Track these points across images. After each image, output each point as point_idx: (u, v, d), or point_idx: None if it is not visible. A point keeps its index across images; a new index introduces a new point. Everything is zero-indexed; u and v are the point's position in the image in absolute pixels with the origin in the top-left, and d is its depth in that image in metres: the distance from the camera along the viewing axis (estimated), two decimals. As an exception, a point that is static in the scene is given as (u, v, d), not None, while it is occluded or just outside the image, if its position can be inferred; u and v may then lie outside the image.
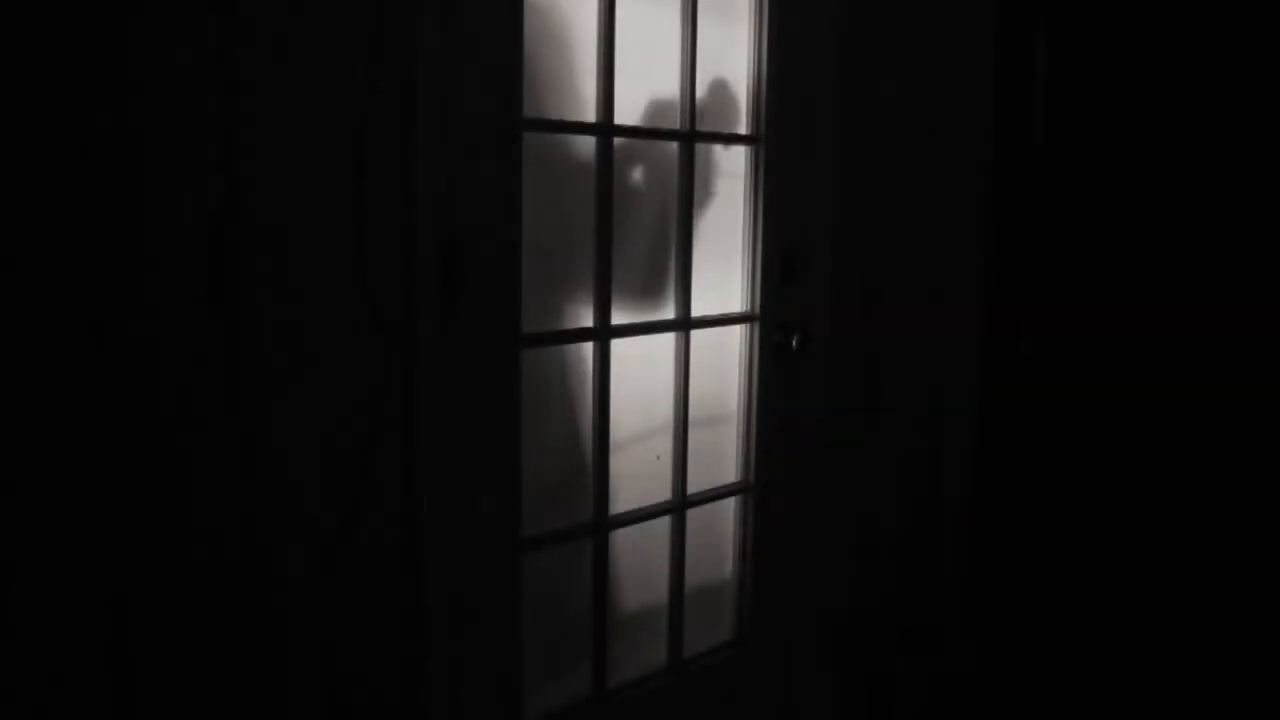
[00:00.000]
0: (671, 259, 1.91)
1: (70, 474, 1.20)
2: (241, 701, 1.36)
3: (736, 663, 2.13)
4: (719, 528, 2.11)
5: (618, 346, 1.82)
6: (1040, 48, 2.38)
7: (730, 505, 2.11)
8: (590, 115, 1.73)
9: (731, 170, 2.02)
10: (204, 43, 1.25)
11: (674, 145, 1.89)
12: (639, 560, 1.95)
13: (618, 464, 1.86)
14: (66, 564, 1.21)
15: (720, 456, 2.09)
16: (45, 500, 1.18)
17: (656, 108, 1.86)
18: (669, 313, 1.93)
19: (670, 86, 1.87)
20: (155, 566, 1.27)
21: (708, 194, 1.97)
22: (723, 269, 2.03)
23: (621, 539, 1.90)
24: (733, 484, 2.10)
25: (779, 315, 2.09)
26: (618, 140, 1.76)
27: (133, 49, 1.20)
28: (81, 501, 1.21)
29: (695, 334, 1.95)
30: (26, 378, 1.16)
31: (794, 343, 2.09)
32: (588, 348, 1.79)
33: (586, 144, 1.74)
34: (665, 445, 1.96)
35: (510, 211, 1.61)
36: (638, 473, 1.93)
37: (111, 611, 1.24)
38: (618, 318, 1.80)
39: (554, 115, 1.71)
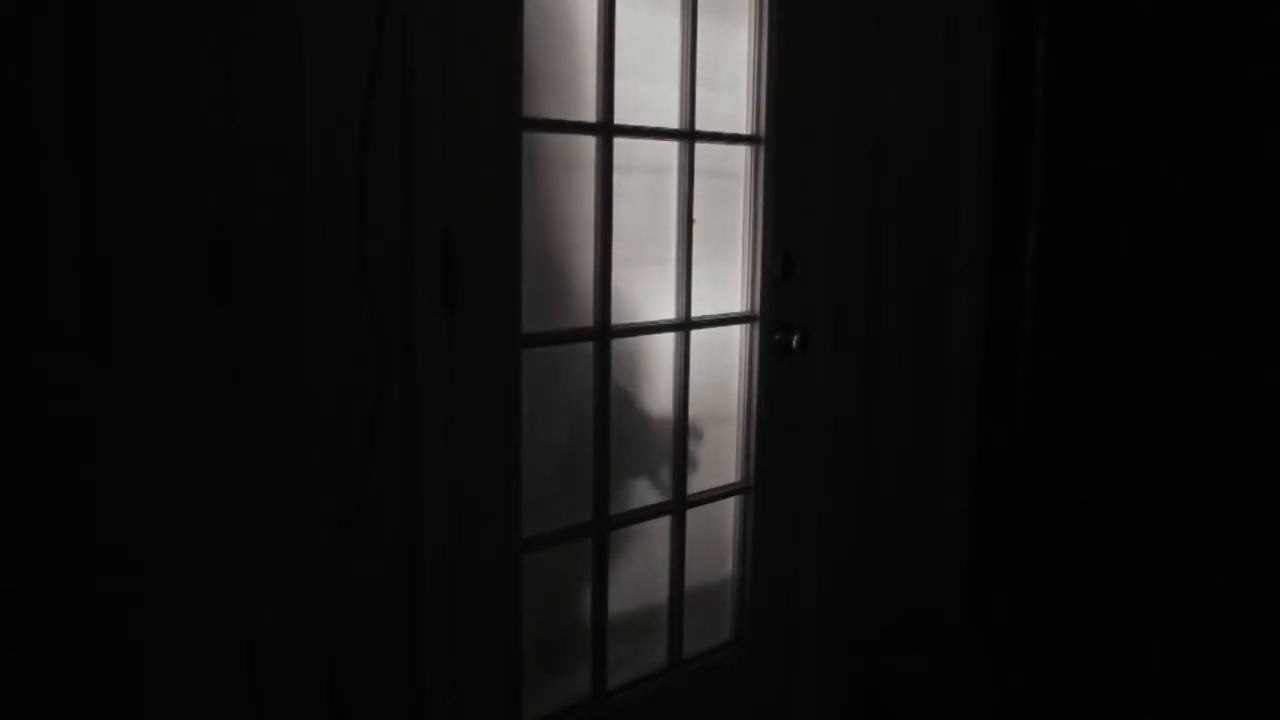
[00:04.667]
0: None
1: (72, 473, 1.20)
2: (244, 701, 1.36)
3: (736, 663, 2.13)
4: (719, 528, 2.11)
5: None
6: (1040, 48, 2.37)
7: (730, 505, 2.11)
8: (590, 115, 1.74)
9: (731, 170, 2.02)
10: (205, 43, 1.25)
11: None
12: (639, 560, 1.95)
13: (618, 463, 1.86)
14: (61, 566, 1.21)
15: (720, 456, 2.09)
16: (46, 498, 1.19)
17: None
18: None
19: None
20: (154, 565, 1.27)
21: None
22: (722, 269, 2.03)
23: (621, 539, 1.90)
24: (733, 484, 2.10)
25: (779, 315, 2.09)
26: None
27: (133, 49, 1.20)
28: (83, 500, 1.21)
29: (695, 334, 1.95)
30: (26, 378, 1.16)
31: (794, 342, 2.09)
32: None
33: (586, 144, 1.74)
34: (665, 446, 1.96)
35: (510, 211, 1.61)
36: (639, 472, 1.93)
37: (111, 616, 1.24)
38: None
39: (554, 115, 1.71)
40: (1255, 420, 2.24)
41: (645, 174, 1.86)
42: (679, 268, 1.92)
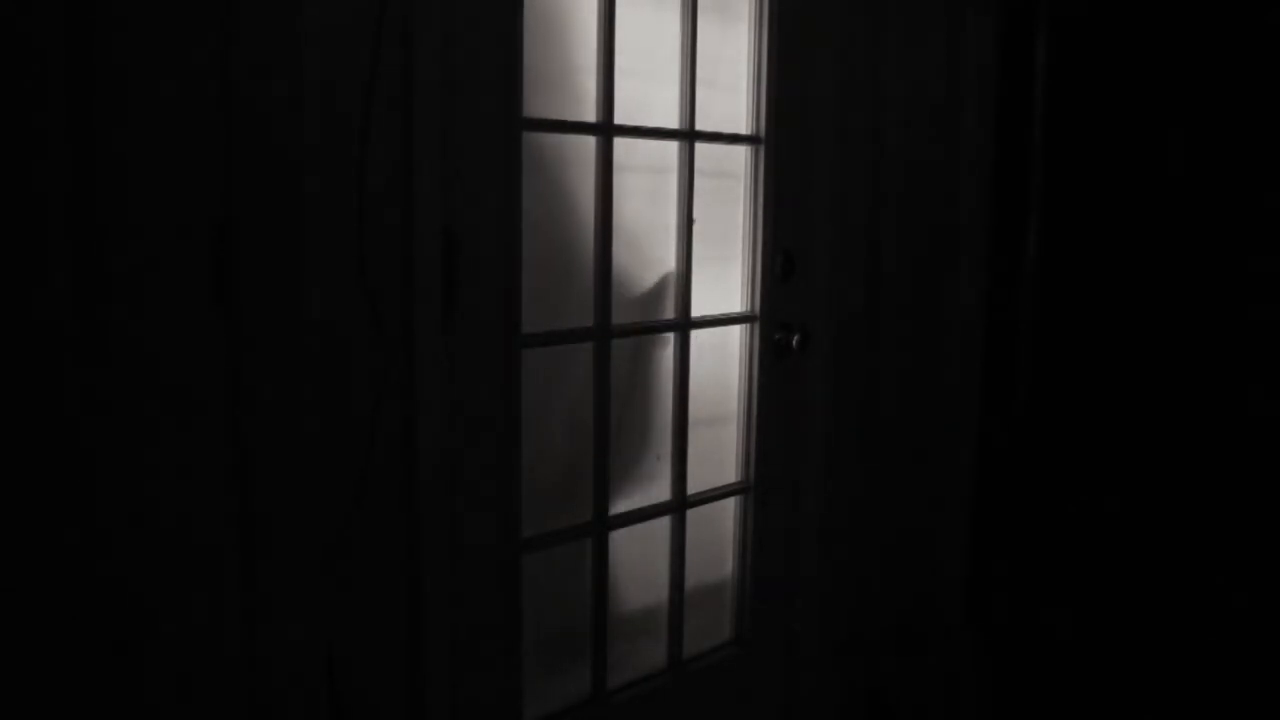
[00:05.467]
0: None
1: (71, 472, 1.20)
2: (244, 701, 1.36)
3: (736, 663, 2.13)
4: (719, 528, 2.11)
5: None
6: (1040, 47, 2.37)
7: (730, 505, 2.11)
8: (590, 115, 1.74)
9: (731, 170, 2.02)
10: (204, 43, 1.25)
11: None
12: (639, 560, 1.95)
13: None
14: (59, 564, 1.21)
15: (720, 456, 2.09)
16: (45, 498, 1.19)
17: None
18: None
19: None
20: (153, 565, 1.27)
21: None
22: (722, 269, 2.03)
23: (621, 539, 1.90)
24: (733, 484, 2.10)
25: (779, 315, 2.09)
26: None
27: (133, 49, 1.20)
28: (82, 499, 1.21)
29: (695, 334, 1.95)
30: (26, 378, 1.16)
31: (794, 342, 2.09)
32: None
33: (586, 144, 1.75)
34: (665, 445, 1.96)
35: (510, 211, 1.61)
36: (639, 472, 1.93)
37: (110, 616, 1.24)
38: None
39: (554, 114, 1.71)
40: (1257, 418, 2.24)
41: (645, 174, 1.86)
42: (679, 268, 1.92)
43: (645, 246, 1.88)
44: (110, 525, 1.23)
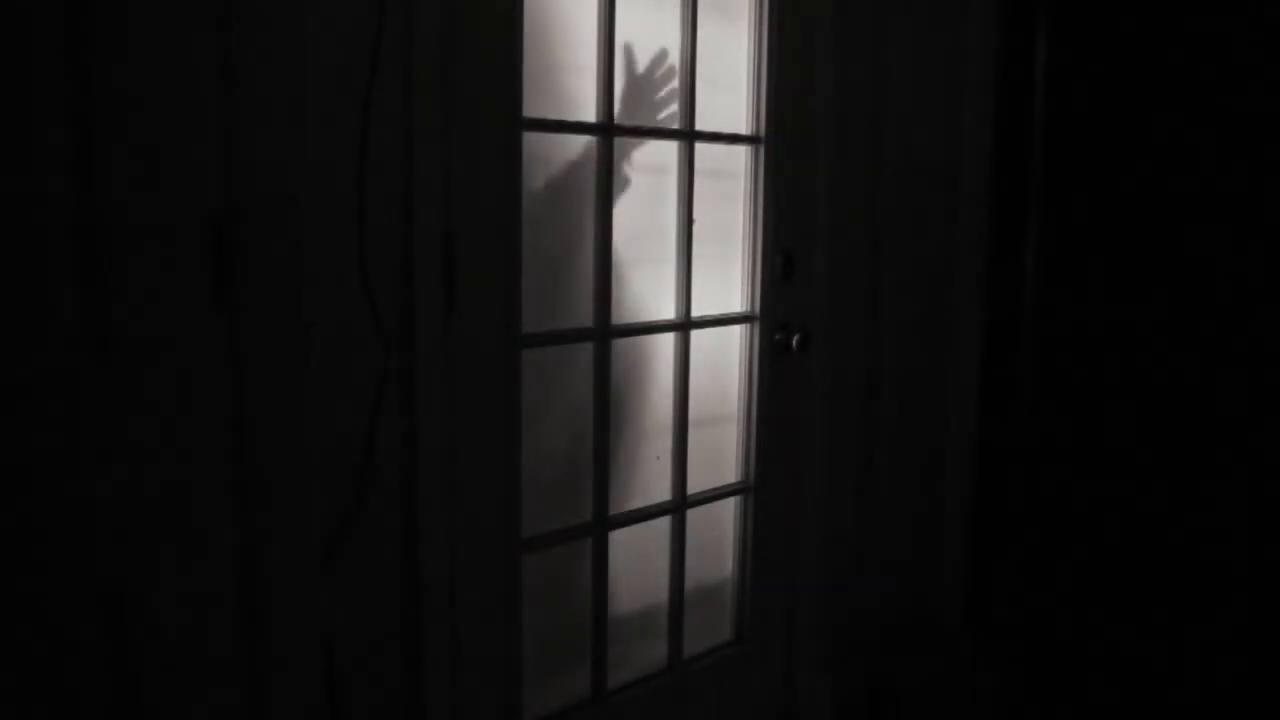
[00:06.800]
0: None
1: (72, 472, 1.20)
2: (244, 700, 1.36)
3: (736, 663, 2.13)
4: (719, 528, 2.11)
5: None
6: (1041, 46, 2.37)
7: (730, 505, 2.11)
8: (591, 115, 1.74)
9: (731, 170, 2.02)
10: (205, 43, 1.25)
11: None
12: (639, 560, 1.95)
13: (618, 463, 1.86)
14: (57, 563, 1.21)
15: (720, 456, 2.09)
16: (45, 499, 1.19)
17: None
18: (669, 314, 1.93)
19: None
20: (153, 564, 1.27)
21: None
22: (723, 269, 2.03)
23: (621, 539, 1.90)
24: (733, 484, 2.10)
25: (779, 315, 2.09)
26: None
27: (133, 47, 1.20)
28: (82, 499, 1.21)
29: (695, 334, 1.95)
30: (26, 378, 1.16)
31: (794, 343, 2.09)
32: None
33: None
34: (665, 445, 1.96)
35: (510, 212, 1.61)
36: (638, 472, 1.93)
37: (109, 616, 1.25)
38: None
39: (554, 114, 1.71)
40: (1258, 418, 2.24)
41: (645, 174, 1.86)
42: (679, 268, 1.92)
43: (646, 246, 1.88)
44: (110, 524, 1.23)
